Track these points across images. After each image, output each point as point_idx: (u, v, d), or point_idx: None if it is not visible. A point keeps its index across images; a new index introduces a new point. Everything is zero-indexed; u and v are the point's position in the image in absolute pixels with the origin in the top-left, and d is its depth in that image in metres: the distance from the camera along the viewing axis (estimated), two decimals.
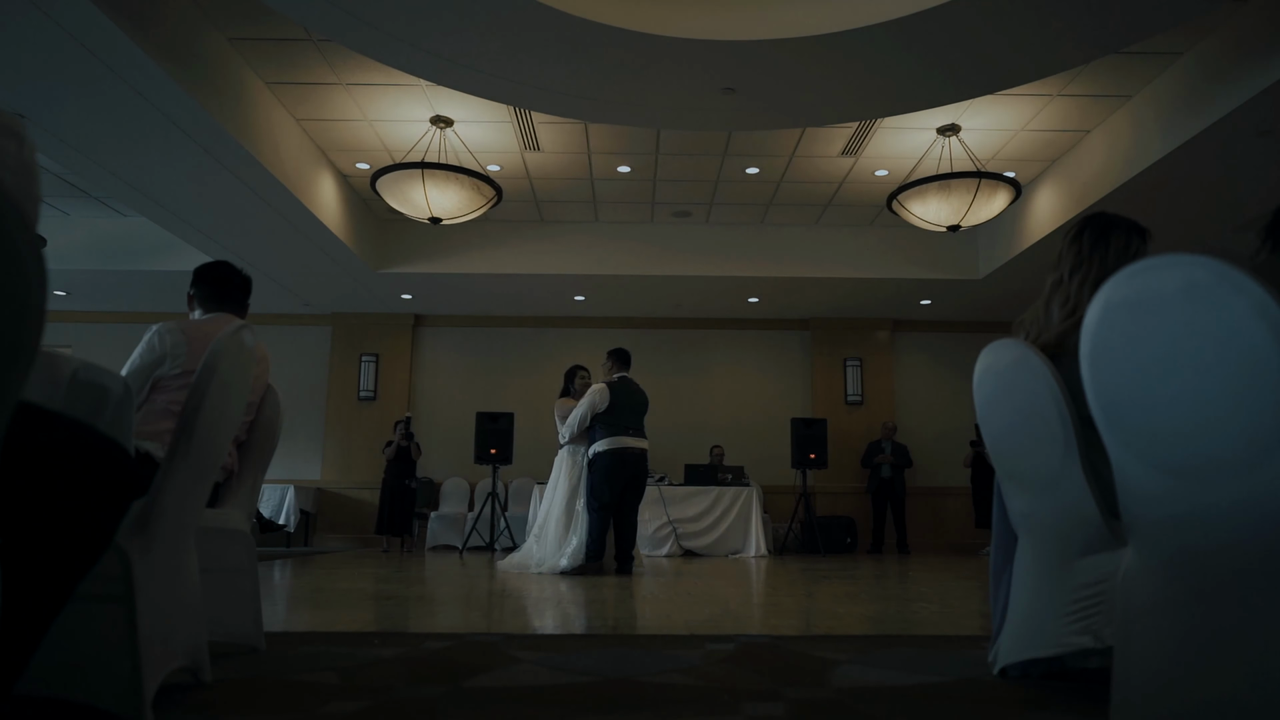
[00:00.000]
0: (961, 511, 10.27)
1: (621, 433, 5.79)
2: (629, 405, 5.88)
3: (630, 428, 5.83)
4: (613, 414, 5.81)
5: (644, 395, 6.08)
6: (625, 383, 5.99)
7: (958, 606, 3.87)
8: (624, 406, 5.85)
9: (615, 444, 5.76)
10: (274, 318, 10.69)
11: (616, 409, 5.82)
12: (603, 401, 5.83)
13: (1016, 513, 2.14)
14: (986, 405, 2.18)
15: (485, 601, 3.93)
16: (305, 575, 5.56)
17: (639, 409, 5.96)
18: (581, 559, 5.64)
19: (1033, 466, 2.02)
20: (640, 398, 6.01)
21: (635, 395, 5.98)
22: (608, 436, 5.78)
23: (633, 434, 5.83)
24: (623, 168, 7.54)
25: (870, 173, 7.59)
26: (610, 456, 5.74)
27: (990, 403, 2.17)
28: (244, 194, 6.76)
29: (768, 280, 9.03)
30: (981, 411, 2.20)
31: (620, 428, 5.79)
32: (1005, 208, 6.46)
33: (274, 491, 9.47)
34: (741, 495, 8.64)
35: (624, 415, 5.83)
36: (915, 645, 2.66)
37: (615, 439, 5.77)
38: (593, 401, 5.86)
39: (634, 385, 6.04)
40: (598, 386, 5.92)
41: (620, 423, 5.80)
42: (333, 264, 8.60)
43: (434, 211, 6.42)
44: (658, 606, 3.75)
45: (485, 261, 8.92)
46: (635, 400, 5.96)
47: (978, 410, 2.22)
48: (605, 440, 5.79)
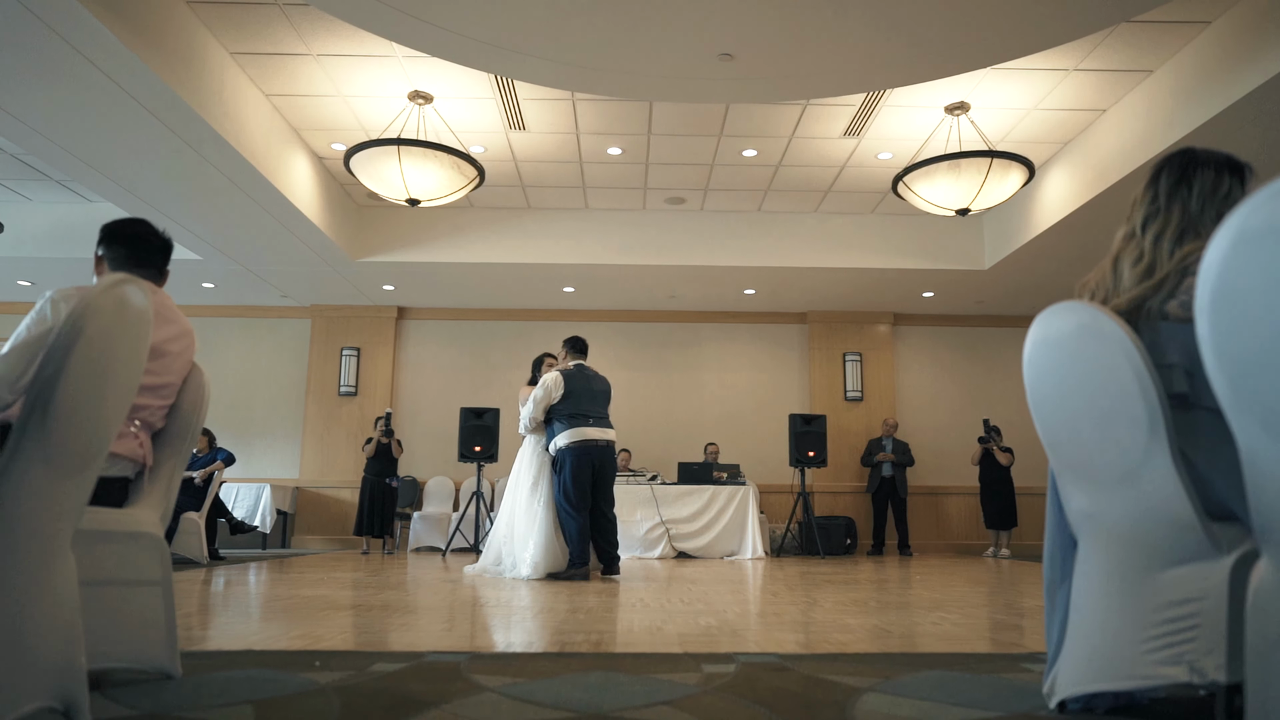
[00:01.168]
0: (965, 511, 9.93)
1: (581, 423, 5.40)
2: (587, 392, 5.50)
3: (591, 417, 5.45)
4: (570, 403, 5.43)
5: (604, 382, 5.69)
6: (582, 370, 5.62)
7: (980, 617, 3.50)
8: (581, 394, 5.47)
9: (577, 436, 5.37)
10: (251, 310, 10.29)
11: (574, 397, 5.44)
12: (557, 390, 5.44)
13: (1078, 513, 1.77)
14: (1040, 382, 1.81)
15: (456, 612, 3.55)
16: (269, 580, 5.18)
17: (599, 397, 5.57)
18: (544, 565, 5.24)
19: (1103, 456, 1.65)
20: (600, 384, 5.63)
21: (594, 381, 5.60)
22: (568, 428, 5.40)
23: (595, 423, 5.45)
24: (613, 149, 7.16)
25: (873, 156, 7.22)
26: (573, 451, 5.35)
27: (1045, 379, 1.79)
28: (211, 175, 6.36)
29: (765, 270, 8.66)
30: (1034, 391, 1.83)
31: (580, 417, 5.41)
32: (1018, 190, 6.11)
33: (249, 491, 9.07)
34: (737, 495, 8.27)
35: (583, 403, 5.45)
36: (944, 665, 2.29)
37: (576, 430, 5.39)
38: (547, 390, 5.46)
39: (592, 372, 5.67)
40: (550, 375, 5.52)
41: (579, 412, 5.42)
42: (310, 253, 8.20)
43: (412, 192, 6.03)
44: (647, 617, 3.38)
45: (470, 250, 8.53)
46: (594, 387, 5.57)
47: (1029, 390, 1.85)
48: (566, 433, 5.40)
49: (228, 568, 6.27)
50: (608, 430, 5.54)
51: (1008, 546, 8.90)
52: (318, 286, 9.43)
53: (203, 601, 3.88)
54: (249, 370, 10.19)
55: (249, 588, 4.70)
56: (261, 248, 8.08)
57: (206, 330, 10.26)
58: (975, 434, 9.95)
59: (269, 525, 8.97)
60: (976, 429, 9.96)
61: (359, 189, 8.06)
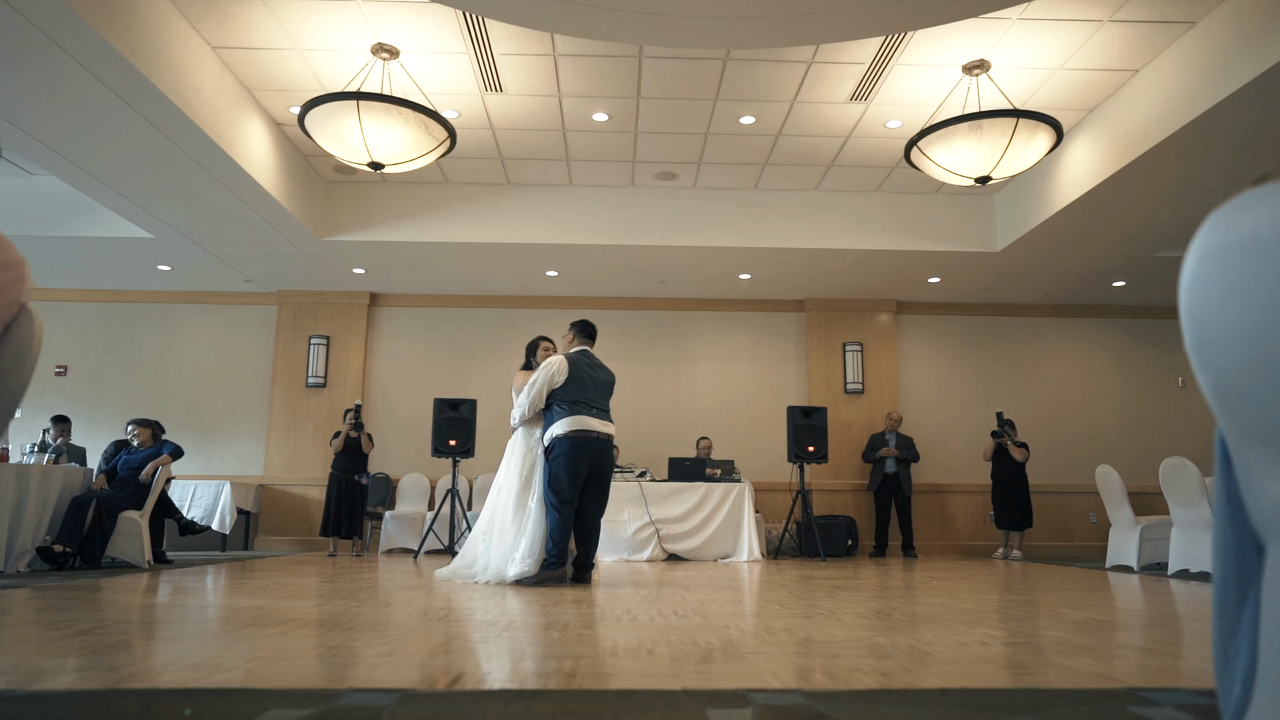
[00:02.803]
0: (971, 510, 9.39)
1: (583, 412, 4.87)
2: (591, 380, 4.98)
3: (594, 407, 4.92)
4: (573, 390, 4.90)
5: (609, 373, 5.18)
6: (587, 356, 5.09)
7: (1033, 633, 2.94)
8: (585, 381, 4.95)
9: (576, 425, 4.83)
10: (212, 296, 9.65)
11: (577, 384, 4.92)
12: (561, 375, 4.92)
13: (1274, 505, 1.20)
14: (1215, 309, 1.22)
15: (408, 629, 2.96)
16: (207, 589, 4.56)
17: (603, 387, 5.06)
18: (533, 567, 4.68)
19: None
20: (605, 374, 5.12)
21: (599, 370, 5.08)
22: (567, 416, 4.86)
23: (596, 414, 4.92)
24: (599, 115, 6.58)
25: (881, 124, 6.66)
26: (570, 441, 4.81)
27: (1225, 304, 1.21)
28: (156, 141, 5.74)
29: (761, 252, 8.09)
30: (1201, 322, 1.25)
31: (582, 406, 4.88)
32: (1043, 156, 5.55)
33: (206, 489, 8.44)
34: (732, 492, 7.70)
35: (586, 391, 4.92)
36: (1031, 710, 1.71)
37: (576, 419, 4.85)
38: (549, 375, 4.93)
39: (597, 360, 5.15)
40: (555, 358, 5.00)
41: (582, 400, 4.89)
42: (271, 231, 7.57)
43: (374, 155, 5.43)
44: (635, 635, 2.79)
45: (445, 228, 7.92)
46: (599, 376, 5.05)
47: (1191, 322, 1.27)
48: (564, 421, 4.86)
49: (172, 573, 5.64)
50: (608, 423, 5.01)
51: (1019, 548, 8.35)
52: (283, 270, 8.80)
53: (110, 615, 3.27)
54: (210, 360, 9.55)
55: (178, 598, 4.09)
56: (218, 225, 7.45)
57: (164, 317, 9.61)
58: (982, 429, 9.42)
59: (228, 525, 8.33)
60: (983, 423, 9.43)
61: (324, 161, 7.44)
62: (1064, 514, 9.42)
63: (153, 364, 9.50)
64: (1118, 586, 5.11)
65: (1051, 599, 4.22)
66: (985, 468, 9.12)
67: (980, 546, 9.28)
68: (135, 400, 9.30)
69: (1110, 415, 9.69)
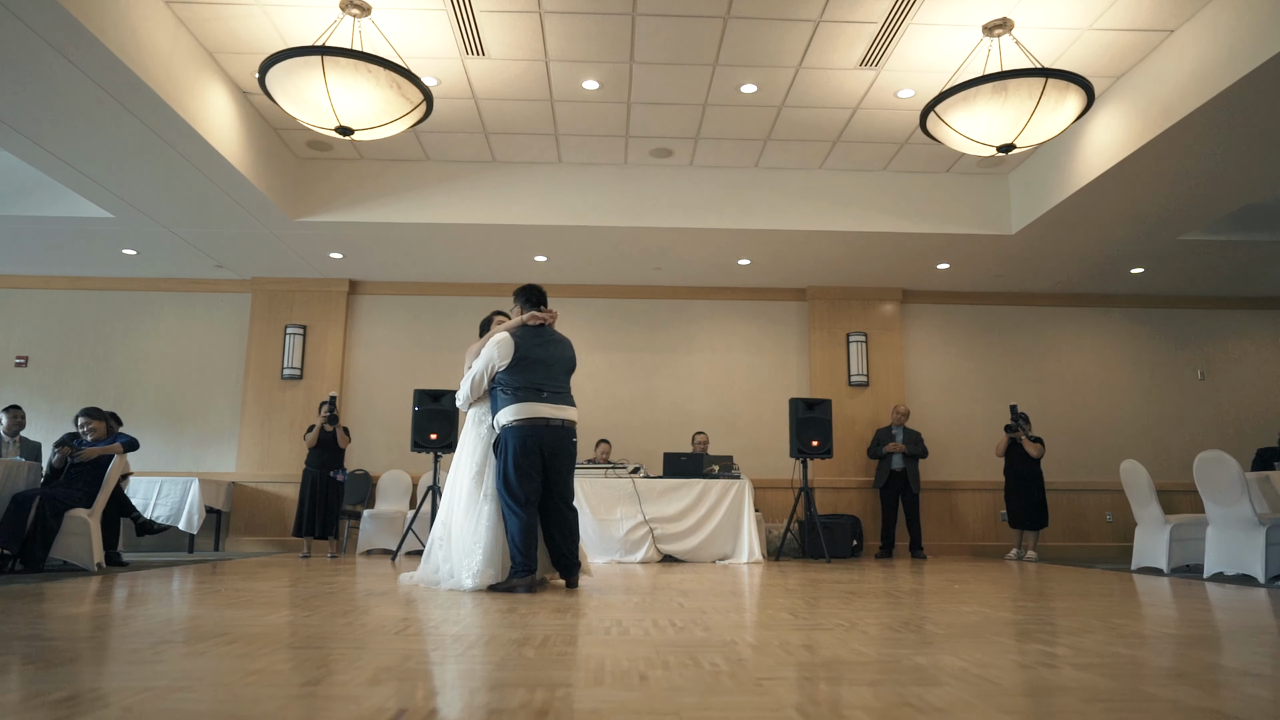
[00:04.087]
0: (980, 508, 8.95)
1: (532, 397, 4.23)
2: (541, 360, 4.30)
3: (546, 390, 4.28)
4: (518, 371, 4.25)
5: (567, 347, 4.50)
6: (539, 332, 4.42)
7: (1103, 651, 2.48)
8: (533, 362, 4.28)
9: (524, 413, 4.21)
10: (182, 283, 9.16)
11: (523, 365, 4.26)
12: (503, 356, 4.28)
13: None
14: None
15: (351, 648, 2.49)
16: (149, 596, 4.08)
17: (557, 365, 4.37)
18: (496, 576, 4.16)
19: None
20: (559, 350, 4.43)
21: (551, 346, 4.39)
22: (514, 403, 4.23)
23: (550, 399, 4.27)
24: (589, 83, 6.11)
25: (892, 93, 6.21)
26: (518, 432, 4.19)
27: None
28: (108, 107, 5.28)
29: (762, 235, 7.63)
30: None
31: (531, 390, 4.24)
32: (1072, 122, 5.10)
33: (173, 486, 7.94)
34: (731, 490, 7.24)
35: (535, 373, 4.26)
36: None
37: (524, 405, 4.22)
38: (489, 355, 4.32)
39: (552, 334, 4.48)
40: (499, 335, 4.36)
41: (530, 383, 4.24)
42: (240, 210, 7.09)
43: (342, 118, 4.95)
44: (626, 652, 2.33)
45: (426, 209, 7.44)
46: (550, 353, 4.36)
47: None
48: (511, 408, 4.23)
49: (121, 577, 5.16)
50: (566, 408, 4.33)
51: (1035, 549, 7.90)
52: (257, 255, 8.31)
53: (7, 628, 2.79)
54: (180, 351, 9.05)
55: (105, 606, 3.61)
56: (182, 204, 6.96)
57: (131, 305, 9.12)
58: (992, 423, 8.99)
59: (196, 525, 7.84)
60: (993, 417, 9.00)
61: (296, 135, 6.96)
62: (1079, 513, 8.98)
63: (119, 355, 9.00)
64: (1159, 592, 4.66)
65: (1094, 606, 3.76)
66: (996, 464, 8.69)
67: (991, 547, 8.84)
68: (100, 393, 8.80)
69: (1126, 409, 9.26)
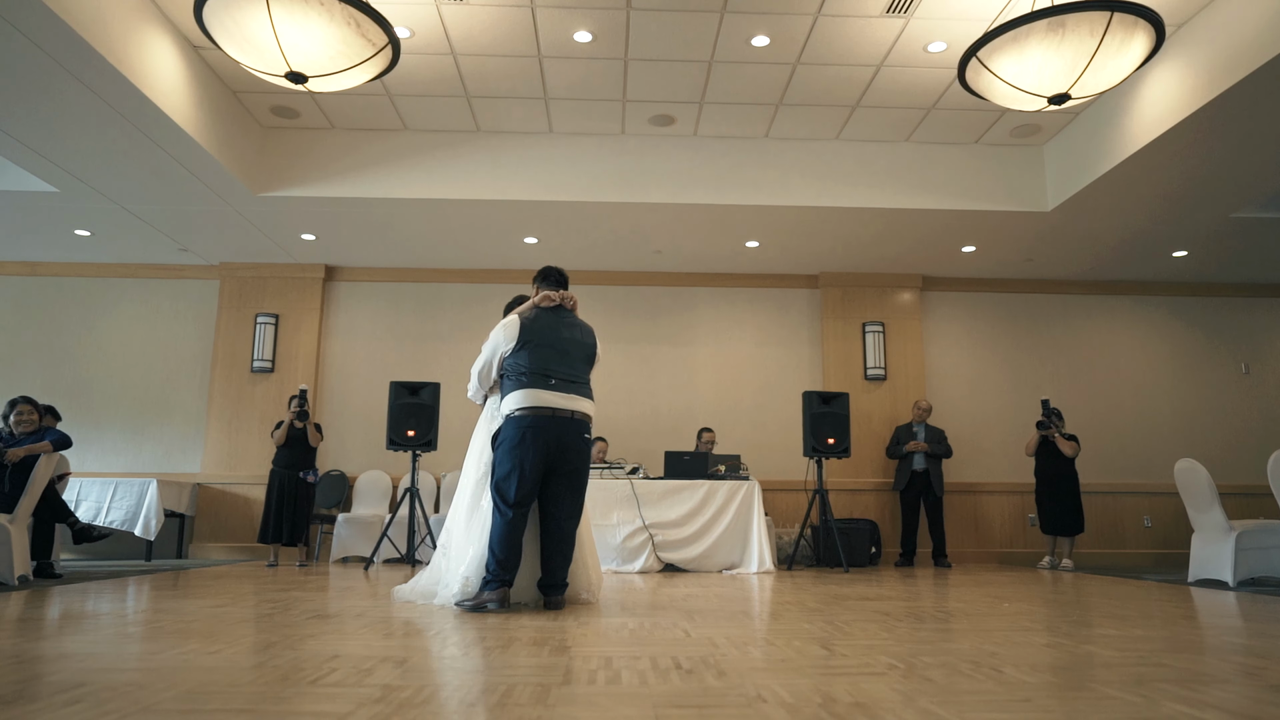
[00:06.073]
0: (1007, 512, 8.28)
1: (538, 384, 3.68)
2: (552, 345, 3.77)
3: (555, 377, 3.72)
4: (528, 357, 3.72)
5: (586, 332, 3.95)
6: (556, 315, 3.89)
7: (1259, 707, 1.81)
8: (546, 345, 3.75)
9: (529, 401, 3.66)
10: (143, 269, 8.49)
11: (531, 350, 3.73)
12: (509, 337, 3.76)
13: None
14: None
15: (244, 699, 1.83)
16: (36, 620, 3.41)
17: (570, 351, 3.82)
18: (475, 586, 3.57)
19: None
20: (573, 333, 3.88)
21: (563, 330, 3.85)
22: (518, 389, 3.70)
23: (559, 387, 3.72)
24: (581, 34, 5.44)
25: (921, 47, 5.55)
26: (518, 423, 3.64)
27: None
28: (37, 61, 4.62)
29: (772, 213, 6.96)
30: None
31: (538, 377, 3.69)
32: (1137, 68, 4.43)
33: (129, 489, 7.27)
34: (739, 492, 6.57)
35: (544, 359, 3.72)
36: None
37: (527, 393, 3.67)
38: (495, 339, 3.82)
39: (572, 319, 3.94)
40: (509, 318, 3.86)
41: (538, 369, 3.70)
42: (196, 183, 6.42)
43: (292, 62, 4.28)
44: (612, 716, 1.66)
45: (405, 184, 6.77)
46: (561, 338, 3.82)
47: None
48: (513, 396, 3.71)
49: (39, 593, 4.49)
50: (577, 399, 3.76)
51: (1070, 556, 7.23)
52: (223, 237, 7.65)
53: None
54: (142, 342, 8.38)
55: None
56: (132, 176, 6.30)
57: (88, 293, 8.45)
58: (1019, 420, 8.33)
59: (153, 530, 7.16)
60: (1020, 414, 8.34)
61: (259, 100, 6.30)
62: (1114, 517, 8.31)
63: (77, 346, 8.33)
64: (1258, 615, 3.99)
65: (1192, 635, 3.09)
66: (1023, 465, 8.04)
67: (1018, 554, 8.17)
68: (53, 387, 8.13)
69: (1164, 405, 8.59)
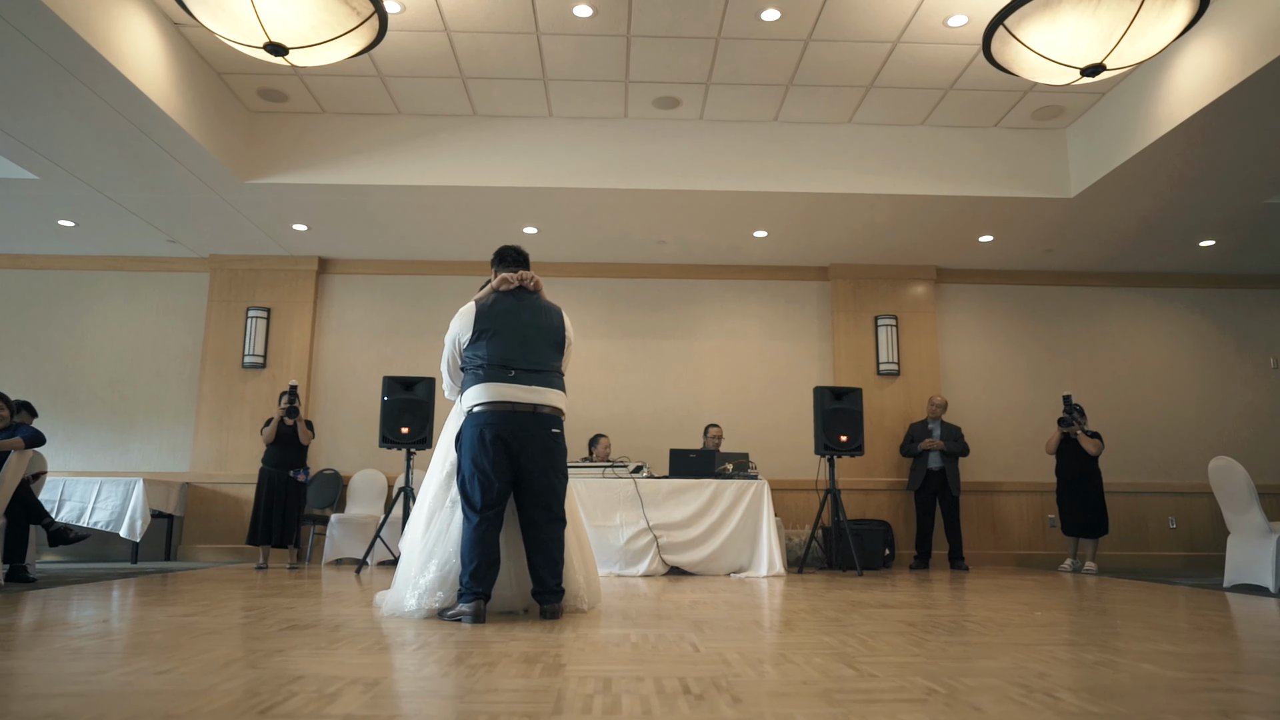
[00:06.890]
0: (1026, 512, 7.98)
1: (497, 376, 3.38)
2: (510, 331, 3.44)
3: (514, 369, 3.40)
4: (484, 346, 3.43)
5: (551, 316, 3.58)
6: (516, 299, 3.54)
7: None
8: (501, 334, 3.43)
9: (486, 395, 3.37)
10: (131, 261, 8.24)
11: (489, 339, 3.42)
12: (465, 326, 3.47)
13: None
14: None
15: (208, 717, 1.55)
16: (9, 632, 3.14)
17: (532, 338, 3.48)
18: (443, 596, 3.31)
19: None
20: (536, 318, 3.53)
21: (524, 314, 3.50)
22: (476, 383, 3.42)
23: (520, 379, 3.40)
24: (581, 8, 5.16)
25: (941, 21, 5.25)
26: (476, 420, 3.37)
27: None
28: (13, 40, 4.34)
29: (781, 200, 6.67)
30: None
31: (496, 369, 3.39)
32: (1178, 35, 4.13)
33: (114, 488, 7.01)
34: (748, 492, 6.28)
35: (503, 349, 3.41)
36: None
37: (487, 386, 3.38)
38: (453, 331, 3.53)
39: (535, 301, 3.57)
40: (464, 306, 3.55)
41: (496, 360, 3.40)
42: (181, 169, 6.16)
43: (271, 33, 4.02)
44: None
45: (398, 170, 6.50)
46: (522, 323, 3.48)
47: None
48: (474, 390, 3.42)
49: (18, 596, 4.22)
50: (540, 389, 3.43)
51: (1093, 559, 6.91)
52: (212, 228, 7.38)
53: None
54: (130, 336, 8.13)
55: None
56: (112, 161, 6.04)
57: (74, 286, 8.20)
58: (1038, 417, 8.03)
59: (139, 532, 6.90)
60: (1039, 411, 8.04)
61: (245, 82, 6.03)
62: (1137, 518, 8.00)
63: (63, 341, 8.08)
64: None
65: (1257, 648, 2.79)
66: (1042, 464, 7.75)
67: (1038, 556, 7.86)
68: (37, 384, 7.88)
69: (1188, 401, 8.27)
